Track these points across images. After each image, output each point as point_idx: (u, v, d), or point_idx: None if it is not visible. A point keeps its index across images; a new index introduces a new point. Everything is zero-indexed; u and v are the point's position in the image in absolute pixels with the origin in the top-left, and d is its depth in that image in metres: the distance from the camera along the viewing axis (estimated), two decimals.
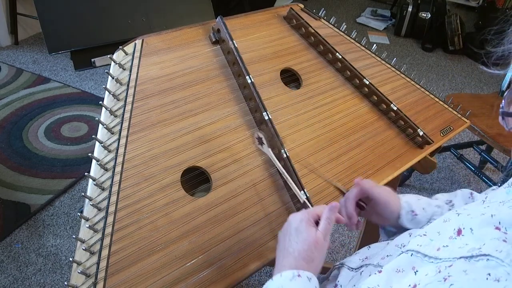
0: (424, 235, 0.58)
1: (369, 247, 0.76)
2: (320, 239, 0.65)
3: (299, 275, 0.60)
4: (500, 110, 0.44)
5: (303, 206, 0.80)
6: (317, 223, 0.67)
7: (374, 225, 1.36)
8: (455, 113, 1.20)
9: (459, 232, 0.53)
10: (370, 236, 1.38)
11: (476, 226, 0.52)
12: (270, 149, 0.84)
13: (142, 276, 0.69)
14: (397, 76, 1.18)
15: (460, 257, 0.48)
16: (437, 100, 1.19)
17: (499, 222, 0.50)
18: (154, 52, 0.94)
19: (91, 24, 1.34)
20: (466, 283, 0.45)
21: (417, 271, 0.53)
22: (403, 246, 0.64)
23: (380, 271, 0.57)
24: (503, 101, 0.44)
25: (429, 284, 0.48)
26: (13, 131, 2.22)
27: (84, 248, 0.69)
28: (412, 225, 0.74)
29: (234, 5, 2.91)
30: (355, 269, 0.70)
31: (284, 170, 0.83)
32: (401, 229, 0.76)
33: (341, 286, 0.69)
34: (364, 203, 0.79)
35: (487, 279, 0.44)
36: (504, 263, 0.44)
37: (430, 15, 3.44)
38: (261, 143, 0.84)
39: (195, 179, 0.83)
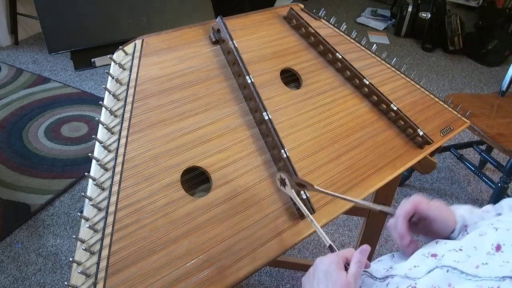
0: (460, 249, 0.55)
1: (393, 255, 0.73)
2: (351, 283, 0.60)
3: None
4: None
5: (329, 249, 0.73)
6: (345, 267, 0.64)
7: (374, 226, 1.37)
8: (455, 113, 1.20)
9: (498, 248, 0.51)
10: (370, 236, 1.38)
11: None
12: (293, 191, 0.79)
13: (142, 276, 0.69)
14: (397, 76, 1.18)
15: (504, 277, 0.47)
16: (437, 100, 1.19)
17: None
18: (154, 52, 0.94)
19: (91, 24, 1.34)
20: None
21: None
22: (434, 257, 0.61)
23: (414, 287, 0.55)
24: None
25: None
26: (13, 131, 2.22)
27: (84, 248, 0.69)
28: (461, 235, 0.70)
29: (234, 5, 2.91)
30: (380, 279, 0.67)
31: (309, 213, 0.76)
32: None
33: None
34: (420, 219, 0.72)
35: None
36: None
37: (430, 15, 3.44)
38: (283, 184, 0.80)
39: (195, 179, 0.83)
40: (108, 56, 0.89)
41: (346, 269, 0.63)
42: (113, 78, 0.87)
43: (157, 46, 0.95)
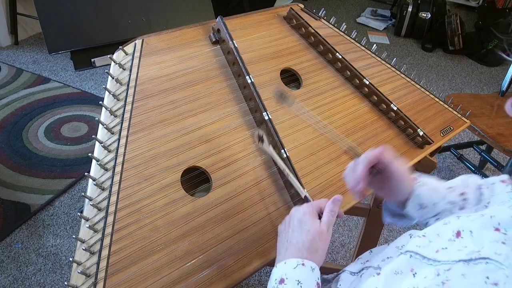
0: (423, 236, 0.57)
1: (371, 251, 0.75)
2: (324, 230, 0.65)
3: (303, 264, 0.61)
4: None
5: (304, 201, 0.79)
6: (319, 216, 0.67)
7: (374, 226, 1.37)
8: (455, 113, 1.20)
9: (458, 234, 0.53)
10: (370, 237, 1.38)
11: (475, 228, 0.51)
12: (271, 146, 0.83)
13: (142, 276, 0.69)
14: (397, 76, 1.18)
15: (459, 260, 0.48)
16: (437, 100, 1.19)
17: (499, 223, 0.49)
18: (154, 52, 0.94)
19: (91, 24, 1.34)
20: (462, 285, 0.44)
21: (415, 273, 0.53)
22: (403, 247, 0.63)
23: (379, 273, 0.57)
24: None
25: None
26: (13, 131, 2.22)
27: (84, 248, 0.69)
28: (417, 214, 0.72)
29: (234, 5, 2.91)
30: (356, 273, 0.70)
31: (285, 166, 0.82)
32: (402, 216, 0.74)
33: None
34: (379, 170, 0.72)
35: (485, 282, 0.44)
36: (503, 266, 0.44)
37: (430, 15, 3.44)
38: (261, 141, 0.83)
39: (195, 179, 0.83)
40: (108, 56, 0.89)
41: (320, 218, 0.66)
42: (113, 78, 0.87)
43: (157, 46, 0.95)
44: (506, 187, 0.65)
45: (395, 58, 1.26)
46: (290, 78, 1.07)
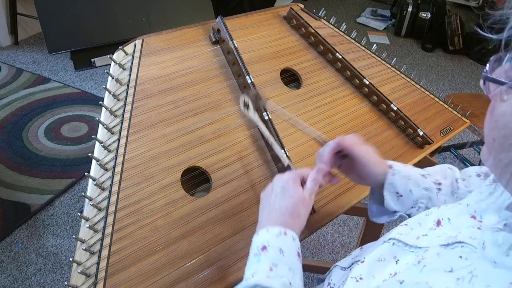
0: (406, 225, 0.59)
1: (361, 247, 0.76)
2: (306, 197, 0.66)
3: (285, 233, 0.61)
4: (483, 74, 0.44)
5: (287, 169, 0.79)
6: (302, 185, 0.69)
7: (374, 226, 1.37)
8: (455, 113, 1.20)
9: (438, 223, 0.55)
10: (370, 237, 1.38)
11: (453, 216, 0.54)
12: (256, 113, 0.83)
13: (142, 276, 0.69)
14: (397, 76, 1.18)
15: (438, 245, 0.50)
16: (437, 100, 1.19)
17: (474, 211, 0.51)
18: (154, 52, 0.94)
19: (91, 24, 1.34)
20: (437, 263, 0.46)
21: (398, 260, 0.54)
22: (386, 237, 0.65)
23: (363, 261, 0.58)
24: (487, 65, 0.44)
25: (407, 270, 0.49)
26: (13, 131, 2.22)
27: (84, 248, 0.69)
28: (397, 205, 0.73)
29: (234, 5, 2.91)
30: (346, 268, 0.71)
31: (269, 134, 0.82)
32: (386, 211, 0.75)
33: (334, 284, 0.69)
34: (344, 155, 0.75)
35: (460, 257, 0.45)
36: (477, 250, 0.45)
37: (430, 15, 3.44)
38: (247, 107, 0.83)
39: (195, 179, 0.83)
40: (108, 56, 0.89)
41: (303, 186, 0.68)
42: (113, 78, 0.87)
43: (157, 46, 0.95)
44: (483, 181, 0.68)
45: (395, 58, 1.26)
46: (290, 78, 1.07)
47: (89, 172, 0.76)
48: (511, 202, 0.47)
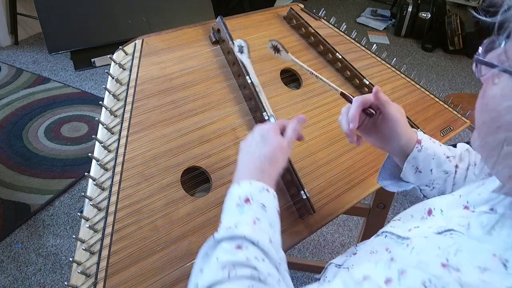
0: (399, 219, 0.60)
1: (356, 245, 0.76)
2: (285, 144, 0.67)
3: (267, 190, 0.61)
4: (476, 56, 0.44)
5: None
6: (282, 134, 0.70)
7: (374, 226, 1.36)
8: (455, 113, 1.20)
9: (429, 212, 0.56)
10: (370, 236, 1.38)
11: (445, 207, 0.54)
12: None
13: (142, 276, 0.69)
14: (397, 76, 1.18)
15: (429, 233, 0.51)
16: (437, 100, 1.19)
17: (467, 202, 0.52)
18: (154, 52, 0.94)
19: (91, 24, 1.34)
20: (425, 244, 0.47)
21: (390, 251, 0.55)
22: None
23: (355, 253, 0.59)
24: (480, 48, 0.45)
25: (397, 255, 0.48)
26: (13, 131, 2.22)
27: (84, 248, 0.69)
28: (413, 178, 0.72)
29: (234, 5, 2.91)
30: (341, 265, 0.71)
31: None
32: (399, 179, 0.74)
33: (329, 281, 0.69)
34: (372, 113, 0.71)
35: (446, 236, 0.47)
36: (465, 235, 0.46)
37: (430, 15, 3.44)
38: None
39: (195, 179, 0.83)
40: (108, 56, 0.89)
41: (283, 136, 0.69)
42: (113, 78, 0.87)
43: (157, 46, 0.95)
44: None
45: (395, 58, 1.26)
46: (290, 78, 1.07)
47: (89, 172, 0.76)
48: (498, 185, 0.47)
